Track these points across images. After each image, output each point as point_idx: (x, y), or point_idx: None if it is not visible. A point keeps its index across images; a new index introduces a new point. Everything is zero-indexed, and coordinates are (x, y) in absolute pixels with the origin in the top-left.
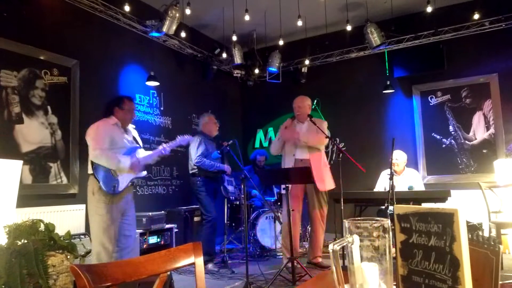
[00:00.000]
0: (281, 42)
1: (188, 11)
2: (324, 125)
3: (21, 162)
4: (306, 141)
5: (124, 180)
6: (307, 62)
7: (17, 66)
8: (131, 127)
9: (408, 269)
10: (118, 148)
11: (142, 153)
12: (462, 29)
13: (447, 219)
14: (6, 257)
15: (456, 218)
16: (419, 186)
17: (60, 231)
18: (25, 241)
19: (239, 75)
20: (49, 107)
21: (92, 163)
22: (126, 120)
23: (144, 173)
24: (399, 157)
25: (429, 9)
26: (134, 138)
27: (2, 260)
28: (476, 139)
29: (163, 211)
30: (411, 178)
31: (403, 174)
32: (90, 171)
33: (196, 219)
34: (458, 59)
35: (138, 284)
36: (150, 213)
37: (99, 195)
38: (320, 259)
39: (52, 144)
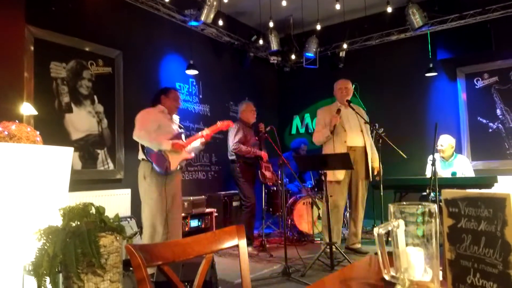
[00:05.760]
0: (318, 27)
1: None
2: (362, 112)
3: (72, 149)
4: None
5: (174, 161)
6: (345, 46)
7: (65, 58)
8: (176, 116)
9: (455, 253)
10: (165, 133)
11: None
12: None
13: (498, 204)
14: (62, 238)
15: (509, 203)
16: (468, 174)
17: (108, 214)
18: (78, 223)
19: (275, 61)
20: (95, 97)
21: (143, 147)
22: (172, 107)
23: (192, 155)
24: (444, 142)
25: None
26: (179, 127)
27: (59, 240)
28: None
29: (203, 196)
30: (461, 165)
31: (452, 160)
32: (141, 156)
33: (235, 203)
34: (508, 39)
35: (182, 264)
36: (191, 198)
37: (151, 178)
38: (359, 245)
39: (99, 131)
